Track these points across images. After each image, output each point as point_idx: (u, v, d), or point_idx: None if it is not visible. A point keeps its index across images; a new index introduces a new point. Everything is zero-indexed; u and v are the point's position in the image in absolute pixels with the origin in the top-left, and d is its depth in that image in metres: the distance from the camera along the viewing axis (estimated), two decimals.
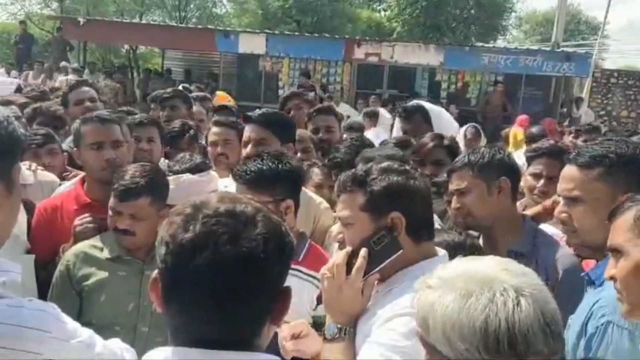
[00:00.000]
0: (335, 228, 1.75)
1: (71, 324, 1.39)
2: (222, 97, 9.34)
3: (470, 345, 1.09)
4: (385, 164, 1.70)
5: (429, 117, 3.62)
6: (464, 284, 1.13)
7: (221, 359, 1.04)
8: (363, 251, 1.60)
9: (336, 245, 1.93)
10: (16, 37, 16.60)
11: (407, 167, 1.72)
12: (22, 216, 2.38)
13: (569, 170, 1.82)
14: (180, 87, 8.92)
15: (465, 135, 5.77)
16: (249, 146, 2.78)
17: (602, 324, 1.57)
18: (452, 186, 2.24)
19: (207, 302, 1.02)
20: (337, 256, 1.67)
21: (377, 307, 1.61)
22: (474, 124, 6.42)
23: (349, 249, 1.65)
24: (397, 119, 3.69)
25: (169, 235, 1.05)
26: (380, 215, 1.61)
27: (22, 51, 15.67)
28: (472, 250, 1.96)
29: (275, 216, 1.11)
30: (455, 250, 1.81)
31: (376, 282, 1.66)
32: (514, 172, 2.24)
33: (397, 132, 3.69)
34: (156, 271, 1.10)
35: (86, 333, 1.41)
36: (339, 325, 1.63)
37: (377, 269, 1.60)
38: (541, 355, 1.10)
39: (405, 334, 1.47)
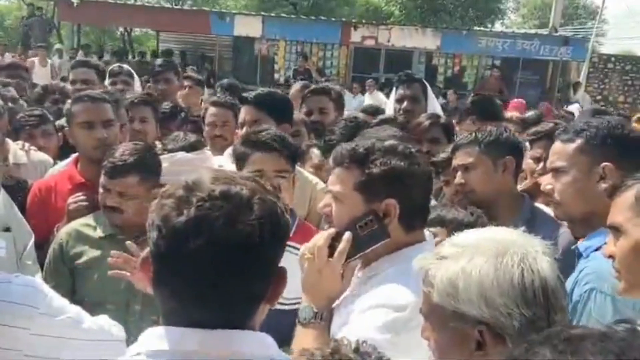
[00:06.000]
0: (324, 200, 1.64)
1: (59, 300, 1.39)
2: None
3: (508, 299, 1.13)
4: (388, 144, 1.59)
5: (427, 90, 3.62)
6: (490, 247, 1.18)
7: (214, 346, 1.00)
8: (347, 235, 1.51)
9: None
10: (24, 19, 16.40)
11: (412, 150, 1.61)
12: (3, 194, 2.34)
13: (555, 145, 1.90)
14: (188, 70, 8.95)
15: None
16: (245, 128, 2.75)
17: (585, 291, 1.62)
18: (457, 161, 2.25)
19: (201, 286, 0.99)
20: (318, 237, 1.58)
21: (356, 294, 1.55)
22: None
23: (332, 230, 1.56)
24: (396, 88, 3.61)
25: (160, 218, 1.00)
26: (374, 199, 1.53)
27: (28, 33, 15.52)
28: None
29: (271, 197, 1.06)
30: (466, 229, 1.78)
31: (357, 266, 1.59)
32: (519, 152, 2.28)
33: (392, 102, 3.63)
34: (147, 250, 1.05)
35: (74, 309, 1.40)
36: (315, 310, 1.55)
37: (360, 255, 1.53)
38: (564, 313, 1.18)
39: (380, 328, 1.42)
